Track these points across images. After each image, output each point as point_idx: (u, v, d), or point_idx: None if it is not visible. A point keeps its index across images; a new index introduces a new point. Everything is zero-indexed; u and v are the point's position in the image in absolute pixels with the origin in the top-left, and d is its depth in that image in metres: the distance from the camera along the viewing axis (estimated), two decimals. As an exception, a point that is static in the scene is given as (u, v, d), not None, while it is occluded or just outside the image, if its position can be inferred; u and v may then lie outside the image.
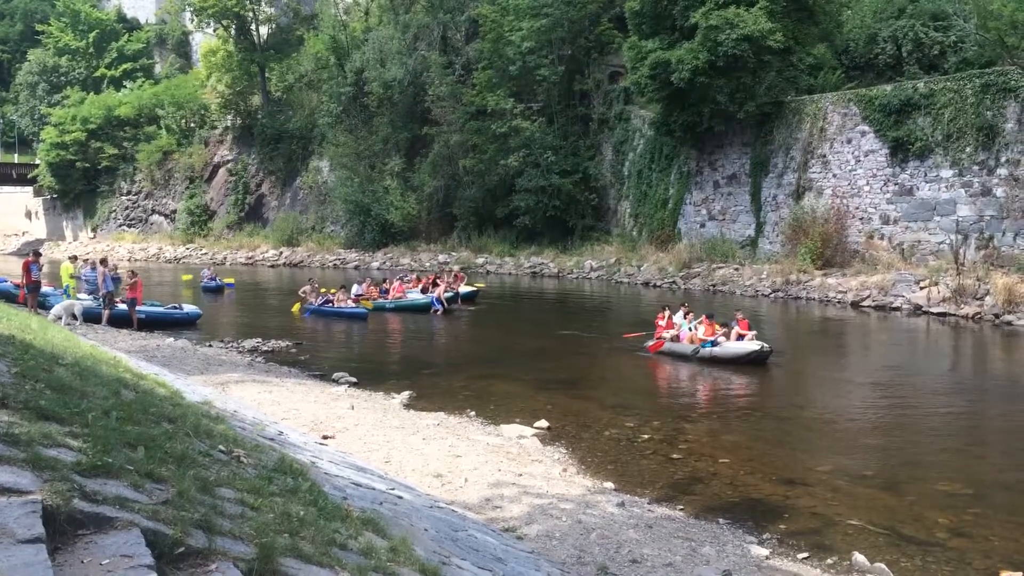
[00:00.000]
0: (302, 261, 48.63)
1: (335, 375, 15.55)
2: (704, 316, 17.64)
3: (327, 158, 51.06)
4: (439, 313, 24.89)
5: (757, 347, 16.25)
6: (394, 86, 45.67)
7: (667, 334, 17.99)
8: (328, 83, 50.02)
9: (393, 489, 7.41)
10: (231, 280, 34.23)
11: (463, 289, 27.75)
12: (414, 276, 29.72)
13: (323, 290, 25.64)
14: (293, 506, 4.47)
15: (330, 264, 46.52)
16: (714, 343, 16.75)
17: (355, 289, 26.55)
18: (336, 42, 50.19)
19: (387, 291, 26.64)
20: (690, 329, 17.70)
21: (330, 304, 24.59)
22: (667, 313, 18.70)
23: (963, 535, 8.06)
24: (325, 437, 10.27)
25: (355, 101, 47.76)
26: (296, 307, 25.14)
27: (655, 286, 31.55)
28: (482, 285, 31.00)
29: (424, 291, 26.68)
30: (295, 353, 18.59)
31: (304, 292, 25.45)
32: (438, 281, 27.07)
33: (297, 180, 54.53)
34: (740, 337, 16.83)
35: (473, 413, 12.73)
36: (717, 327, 17.12)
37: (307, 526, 4.12)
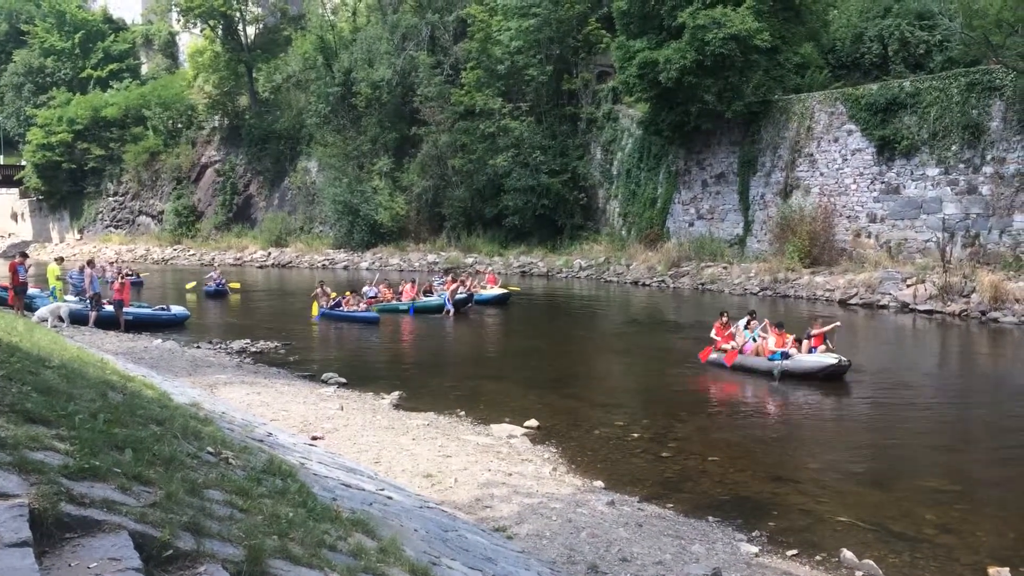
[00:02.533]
0: (290, 262, 48.49)
1: (324, 376, 15.50)
2: (772, 325, 15.90)
3: (315, 158, 50.92)
4: (450, 314, 24.39)
5: (834, 361, 14.61)
6: (382, 86, 45.59)
7: (727, 345, 16.15)
8: (316, 83, 49.89)
9: (383, 490, 7.40)
10: (236, 285, 32.96)
11: (493, 291, 27.22)
12: (448, 277, 28.55)
13: (334, 294, 25.26)
14: (282, 507, 4.46)
15: (319, 264, 46.38)
16: (784, 355, 15.03)
17: (367, 291, 26.07)
18: (324, 42, 50.05)
19: (401, 293, 26.29)
20: (754, 339, 15.90)
21: (340, 308, 24.22)
22: (724, 319, 16.75)
23: (950, 531, 8.12)
24: (314, 438, 10.25)
25: (343, 101, 47.64)
26: (315, 309, 24.39)
27: (644, 285, 31.62)
28: (516, 288, 30.07)
29: (428, 292, 26.35)
30: (284, 354, 18.53)
31: (315, 295, 25.00)
32: (464, 281, 26.85)
33: (285, 180, 54.36)
34: (812, 349, 15.15)
35: (463, 413, 12.72)
36: (788, 337, 15.32)
37: (296, 527, 4.11)
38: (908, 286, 23.51)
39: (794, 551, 7.57)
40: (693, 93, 29.59)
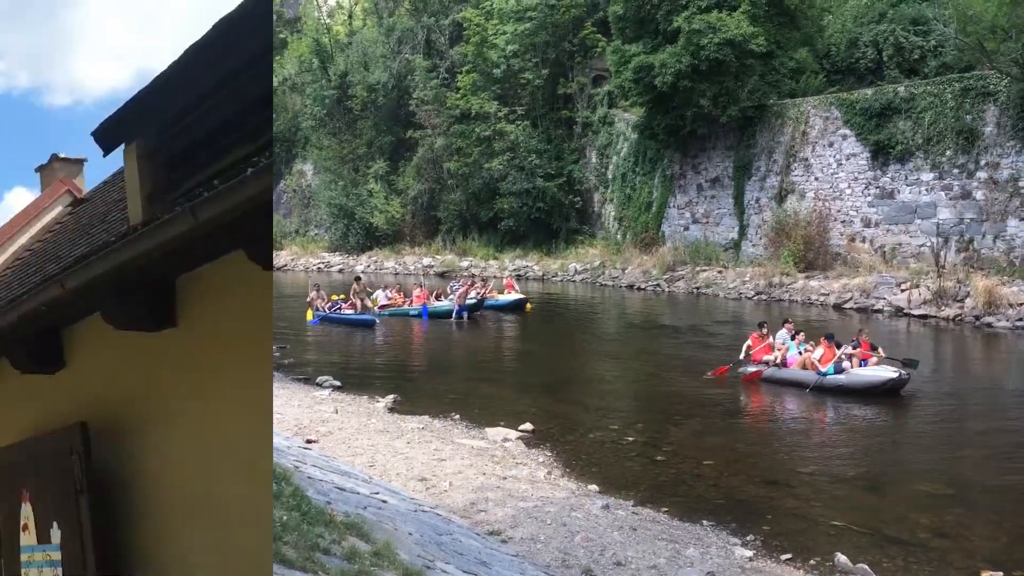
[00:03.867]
0: (285, 265, 48.32)
1: (319, 379, 15.48)
2: (823, 337, 14.88)
3: (311, 161, 50.87)
4: (463, 319, 23.80)
5: (894, 374, 13.54)
6: (378, 89, 45.57)
7: (768, 358, 15.17)
8: (312, 86, 49.81)
9: (377, 493, 7.39)
10: None
11: (509, 297, 26.54)
12: (461, 283, 27.38)
13: (334, 296, 25.04)
14: (276, 511, 4.45)
15: (314, 268, 46.32)
16: (838, 370, 14.03)
17: (380, 297, 25.56)
18: (319, 45, 50.00)
19: (413, 297, 25.71)
20: (800, 352, 14.89)
21: (338, 311, 23.95)
22: (764, 331, 15.66)
23: (944, 535, 8.14)
24: (309, 441, 10.24)
25: (339, 104, 47.62)
26: (309, 313, 24.09)
27: (639, 289, 31.63)
28: (530, 306, 26.84)
29: (437, 297, 25.99)
30: (278, 357, 18.44)
31: (311, 298, 24.72)
32: (473, 284, 26.58)
33: (280, 183, 54.26)
34: (864, 361, 14.16)
35: (457, 416, 12.71)
36: (838, 350, 14.32)
37: (290, 531, 4.11)
38: (902, 291, 23.55)
39: (788, 555, 7.57)
40: (688, 98, 29.61)
